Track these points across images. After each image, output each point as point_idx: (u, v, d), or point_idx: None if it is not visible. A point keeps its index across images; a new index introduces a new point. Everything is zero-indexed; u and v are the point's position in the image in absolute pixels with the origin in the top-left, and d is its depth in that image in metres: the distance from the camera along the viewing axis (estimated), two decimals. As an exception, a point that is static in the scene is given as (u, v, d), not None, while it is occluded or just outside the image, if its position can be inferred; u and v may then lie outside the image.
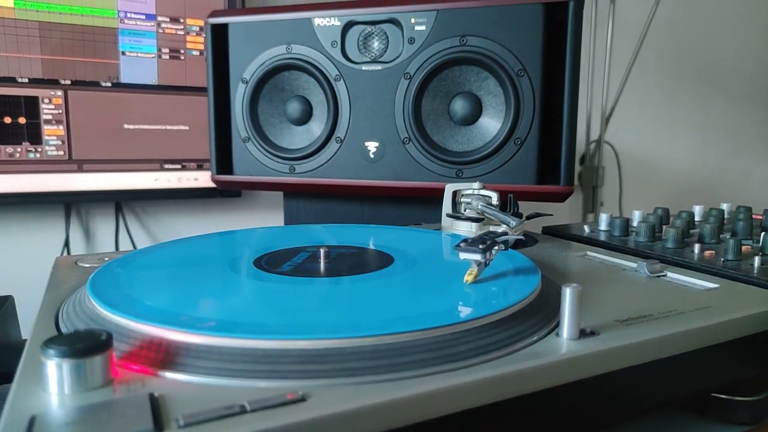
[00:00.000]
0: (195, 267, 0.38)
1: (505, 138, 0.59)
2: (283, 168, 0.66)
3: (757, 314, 0.32)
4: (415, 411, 0.22)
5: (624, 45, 1.29)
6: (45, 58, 0.80)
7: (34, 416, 0.19)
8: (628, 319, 0.30)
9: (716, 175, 1.58)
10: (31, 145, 0.80)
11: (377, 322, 0.26)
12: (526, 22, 0.57)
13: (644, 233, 0.51)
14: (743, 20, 1.55)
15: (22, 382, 0.22)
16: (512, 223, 0.42)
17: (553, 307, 0.30)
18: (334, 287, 0.33)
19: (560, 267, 0.42)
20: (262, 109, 0.67)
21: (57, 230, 0.88)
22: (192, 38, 0.88)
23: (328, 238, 0.47)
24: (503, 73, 0.58)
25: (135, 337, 0.25)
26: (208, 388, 0.22)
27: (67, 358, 0.21)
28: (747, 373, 0.33)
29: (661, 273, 0.40)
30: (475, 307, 0.28)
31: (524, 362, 0.25)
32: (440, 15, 0.60)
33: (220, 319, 0.26)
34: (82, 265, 0.42)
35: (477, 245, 0.32)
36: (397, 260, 0.39)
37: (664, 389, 0.30)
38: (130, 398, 0.21)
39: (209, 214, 0.99)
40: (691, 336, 0.30)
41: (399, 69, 0.61)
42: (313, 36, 0.63)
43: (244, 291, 0.33)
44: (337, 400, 0.21)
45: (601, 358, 0.27)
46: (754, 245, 0.48)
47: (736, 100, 1.57)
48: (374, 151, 0.63)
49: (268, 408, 0.20)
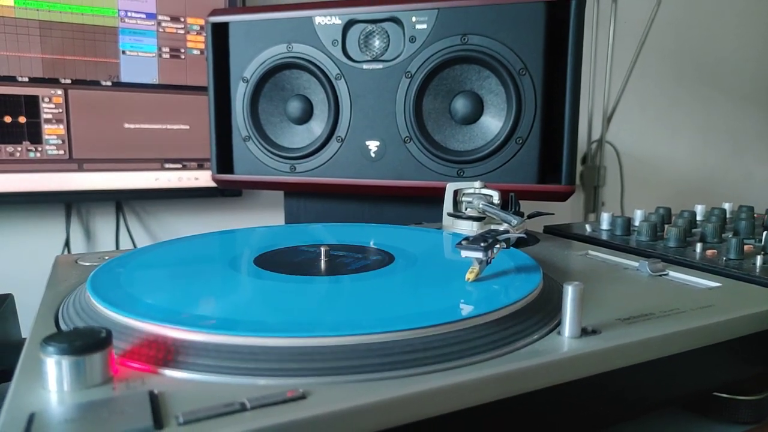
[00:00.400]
0: (195, 265, 0.38)
1: (506, 137, 0.58)
2: (283, 167, 0.66)
3: (759, 313, 0.32)
4: (416, 409, 0.22)
5: (625, 45, 1.29)
6: (45, 57, 0.80)
7: (33, 413, 0.19)
8: (629, 317, 0.30)
9: (717, 175, 1.58)
10: (31, 145, 0.80)
11: (378, 319, 0.26)
12: (527, 20, 0.57)
13: (646, 232, 0.51)
14: (744, 21, 1.55)
15: (22, 379, 0.22)
16: (513, 222, 0.42)
17: (554, 306, 0.30)
18: (335, 285, 0.33)
19: (562, 266, 0.42)
20: (263, 108, 0.67)
21: (57, 229, 0.88)
22: (192, 37, 0.88)
23: (328, 238, 0.46)
24: (505, 72, 0.58)
25: (135, 334, 0.25)
26: (208, 385, 0.22)
27: (67, 356, 0.21)
28: (749, 372, 0.33)
29: (662, 272, 0.39)
30: (477, 305, 0.28)
31: (525, 360, 0.25)
32: (441, 13, 0.59)
33: (220, 317, 0.26)
34: (82, 263, 0.42)
35: (478, 243, 0.32)
36: (397, 259, 0.38)
37: (666, 388, 0.30)
38: (129, 396, 0.21)
39: (210, 213, 0.99)
40: (693, 335, 0.29)
41: (400, 68, 0.61)
42: (313, 34, 0.63)
43: (244, 289, 0.32)
44: (338, 397, 0.21)
45: (602, 357, 0.26)
46: (756, 244, 0.48)
47: (738, 100, 1.57)
48: (375, 151, 0.63)
49: (268, 405, 0.20)
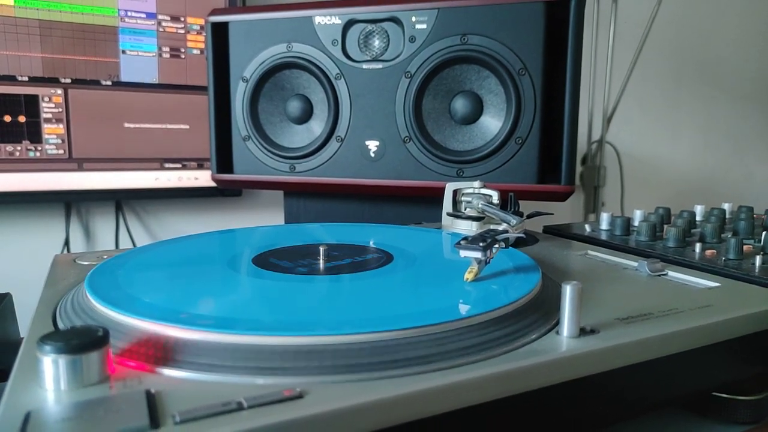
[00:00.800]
0: (193, 265, 0.38)
1: (506, 137, 0.58)
2: (283, 167, 0.66)
3: (757, 313, 0.32)
4: (414, 408, 0.22)
5: (626, 45, 1.29)
6: (45, 57, 0.80)
7: (29, 412, 0.19)
8: (628, 317, 0.30)
9: (718, 175, 1.57)
10: (31, 144, 0.80)
11: (376, 319, 0.26)
12: (527, 20, 0.57)
13: (645, 232, 0.51)
14: (745, 20, 1.55)
15: (19, 378, 0.22)
16: (513, 222, 0.41)
17: (553, 305, 0.30)
18: (334, 285, 0.33)
19: (561, 266, 0.42)
20: (263, 107, 0.67)
21: (57, 229, 0.88)
22: (192, 37, 0.88)
23: (328, 237, 0.46)
24: (504, 72, 0.58)
25: (132, 333, 0.25)
26: (205, 384, 0.22)
27: (64, 354, 0.21)
28: (748, 372, 0.33)
29: (661, 272, 0.39)
30: (475, 304, 0.28)
31: (524, 360, 0.25)
32: (441, 13, 0.59)
33: (217, 316, 0.26)
34: (80, 262, 0.42)
35: (477, 243, 0.32)
36: (397, 258, 0.38)
37: (665, 388, 0.30)
38: (126, 394, 0.21)
39: (209, 213, 0.99)
40: (692, 335, 0.29)
41: (400, 68, 0.61)
42: (313, 34, 0.63)
43: (242, 288, 0.32)
44: (335, 396, 0.21)
45: (600, 357, 0.26)
46: (755, 245, 0.48)
47: (738, 100, 1.57)
48: (375, 150, 0.63)
49: (265, 405, 0.20)
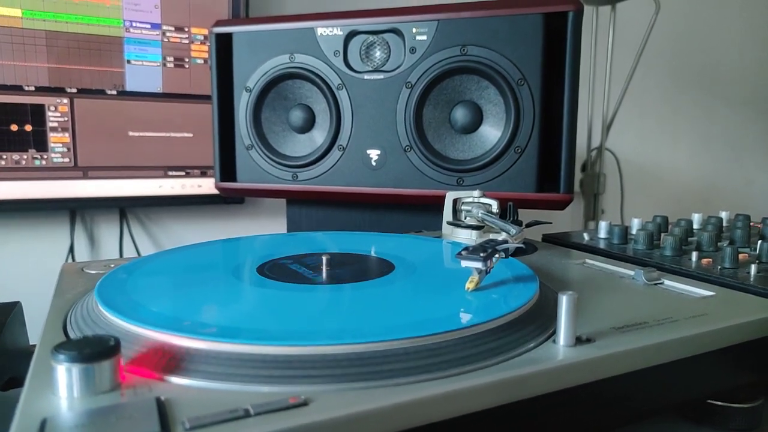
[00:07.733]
0: (200, 274, 0.38)
1: (505, 146, 0.59)
2: (285, 175, 0.67)
3: (752, 321, 0.33)
4: (414, 416, 0.23)
5: (625, 52, 1.29)
6: (51, 67, 0.81)
7: (45, 419, 0.20)
8: (624, 326, 0.31)
9: (718, 182, 1.58)
10: (36, 152, 0.81)
11: (378, 328, 0.27)
12: (526, 32, 0.58)
13: (643, 241, 0.51)
14: (744, 28, 1.55)
15: (33, 386, 0.23)
16: (512, 231, 0.42)
17: (550, 315, 0.31)
18: (336, 294, 0.34)
19: (559, 275, 0.43)
20: (266, 117, 0.68)
21: (62, 236, 0.89)
22: (196, 47, 0.89)
23: (330, 246, 0.47)
24: (503, 82, 0.59)
25: (142, 342, 0.26)
26: (213, 392, 0.23)
27: (77, 363, 0.22)
28: (743, 380, 0.34)
29: (658, 281, 0.40)
30: (473, 314, 0.29)
31: (521, 368, 0.25)
32: (441, 25, 0.60)
33: (224, 326, 0.27)
34: (88, 271, 0.43)
35: (478, 253, 0.33)
36: (398, 267, 0.39)
37: (660, 396, 0.30)
38: (137, 402, 0.21)
39: (213, 220, 1.00)
40: (687, 343, 0.30)
41: (401, 78, 0.62)
42: (315, 45, 0.64)
43: (247, 298, 0.33)
44: (339, 404, 0.22)
45: (596, 365, 0.27)
46: (751, 253, 0.48)
47: (738, 107, 1.57)
48: (376, 159, 0.64)
49: (271, 412, 0.21)
